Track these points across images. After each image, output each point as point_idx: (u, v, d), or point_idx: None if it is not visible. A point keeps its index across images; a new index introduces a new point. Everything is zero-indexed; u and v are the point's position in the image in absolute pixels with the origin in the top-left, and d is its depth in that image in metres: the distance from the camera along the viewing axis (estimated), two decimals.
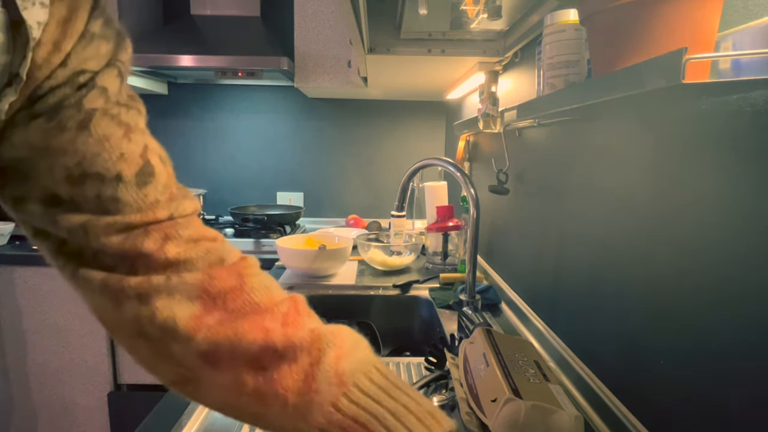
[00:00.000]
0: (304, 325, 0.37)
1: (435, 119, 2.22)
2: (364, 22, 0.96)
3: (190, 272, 0.36)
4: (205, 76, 2.03)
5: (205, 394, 0.36)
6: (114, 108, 0.35)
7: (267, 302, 0.37)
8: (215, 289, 0.36)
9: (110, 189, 0.34)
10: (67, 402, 1.72)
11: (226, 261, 0.38)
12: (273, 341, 0.35)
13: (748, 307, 0.41)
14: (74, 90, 0.33)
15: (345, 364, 0.35)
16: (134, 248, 0.35)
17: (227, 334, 0.34)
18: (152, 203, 0.36)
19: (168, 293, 0.35)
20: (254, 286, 0.37)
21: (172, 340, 0.35)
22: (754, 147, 0.40)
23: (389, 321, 1.24)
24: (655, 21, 0.43)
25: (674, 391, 0.50)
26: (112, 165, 0.34)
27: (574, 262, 0.77)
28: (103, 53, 0.34)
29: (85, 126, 0.33)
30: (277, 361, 0.35)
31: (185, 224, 0.38)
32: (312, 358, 0.35)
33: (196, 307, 0.35)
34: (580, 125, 0.75)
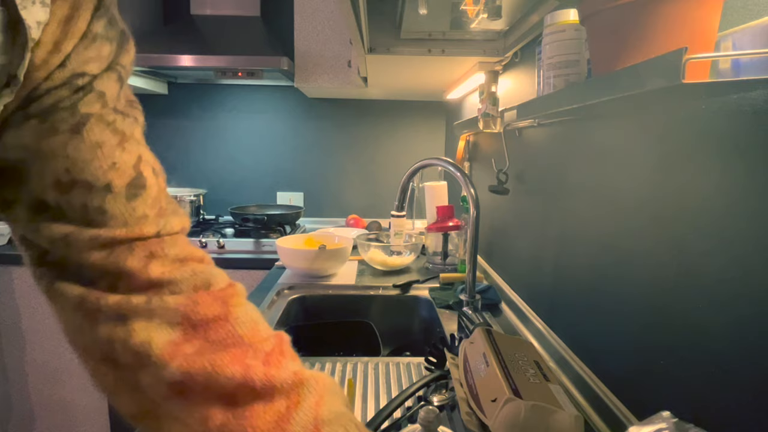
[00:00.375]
0: (287, 367, 0.35)
1: (435, 119, 2.22)
2: (364, 22, 0.96)
3: (174, 295, 0.34)
4: (205, 76, 2.03)
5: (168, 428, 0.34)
6: (110, 114, 0.34)
7: (251, 337, 0.35)
8: (198, 317, 0.34)
9: (98, 199, 0.33)
10: (66, 402, 1.72)
11: (213, 286, 0.36)
12: (252, 379, 0.33)
13: (748, 307, 0.41)
14: (71, 92, 0.32)
15: (324, 413, 0.34)
16: (116, 265, 0.33)
17: (204, 365, 0.33)
18: (140, 218, 0.35)
19: (147, 316, 0.33)
20: (239, 317, 0.36)
21: (143, 367, 0.33)
22: (754, 147, 0.40)
23: (389, 321, 1.24)
24: (655, 21, 0.43)
25: (674, 391, 0.50)
26: (103, 174, 0.33)
27: (574, 262, 0.77)
28: (105, 55, 0.33)
29: (78, 131, 0.32)
30: (252, 400, 0.33)
31: (172, 242, 0.36)
32: (290, 402, 0.34)
33: (176, 333, 0.33)
34: (580, 125, 0.75)
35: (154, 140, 1.68)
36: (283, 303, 1.17)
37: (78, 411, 1.72)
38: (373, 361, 0.85)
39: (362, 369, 0.83)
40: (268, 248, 1.75)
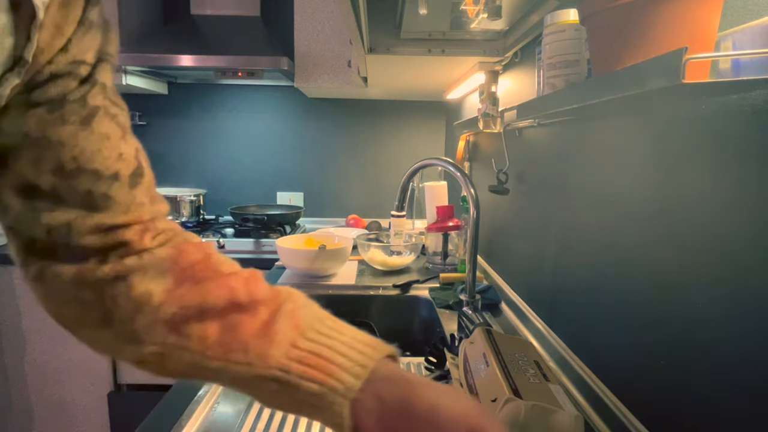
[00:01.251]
0: (264, 285, 0.40)
1: (435, 119, 2.22)
2: (364, 22, 0.96)
3: (161, 248, 0.38)
4: (205, 76, 2.03)
5: (173, 362, 0.37)
6: (112, 108, 0.36)
7: (230, 269, 0.40)
8: (185, 262, 0.38)
9: (104, 186, 0.35)
10: (66, 402, 1.72)
11: (191, 240, 0.41)
12: (237, 296, 0.37)
13: (748, 307, 0.41)
14: (78, 83, 0.34)
15: (301, 313, 0.39)
16: (115, 240, 0.36)
17: (194, 297, 0.37)
18: (138, 204, 0.38)
19: (142, 271, 0.36)
20: (219, 259, 0.41)
21: (140, 313, 0.36)
22: (754, 147, 0.40)
23: (389, 321, 1.24)
24: (655, 21, 0.43)
25: (674, 391, 0.50)
26: (112, 163, 0.35)
27: (574, 261, 0.77)
28: (98, 44, 0.35)
29: (88, 123, 0.34)
30: (239, 313, 0.37)
31: (159, 221, 0.40)
32: (271, 310, 0.38)
33: (169, 280, 0.37)
34: (580, 125, 0.75)
35: (154, 140, 1.72)
36: None
37: (78, 411, 1.72)
38: None
39: None
40: (268, 248, 1.75)
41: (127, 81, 1.82)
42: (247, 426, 0.65)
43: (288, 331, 0.37)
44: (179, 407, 0.67)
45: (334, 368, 0.36)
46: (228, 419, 0.66)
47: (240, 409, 0.68)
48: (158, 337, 0.36)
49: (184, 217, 1.94)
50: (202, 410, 0.67)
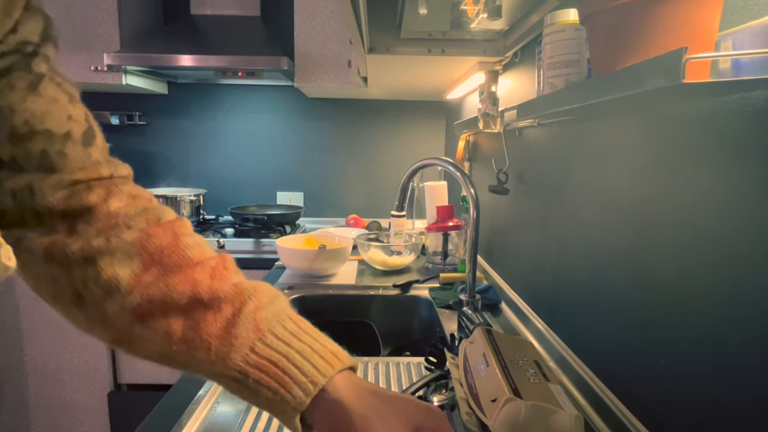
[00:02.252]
0: (229, 279, 0.40)
1: (435, 119, 2.22)
2: (364, 21, 0.96)
3: (129, 230, 0.38)
4: (205, 76, 2.03)
5: (140, 348, 0.39)
6: (57, 76, 0.39)
7: (199, 257, 0.40)
8: (153, 246, 0.38)
9: (58, 145, 0.37)
10: (66, 402, 1.72)
11: (162, 219, 0.41)
12: (200, 293, 0.38)
13: (748, 307, 0.41)
14: (23, 56, 0.36)
15: (262, 314, 0.39)
16: (79, 203, 0.38)
17: (160, 288, 0.37)
18: (95, 162, 0.39)
19: (110, 253, 0.37)
20: (188, 243, 0.40)
21: (109, 300, 0.37)
22: (755, 147, 0.40)
23: (389, 321, 1.24)
24: (655, 21, 0.43)
25: (674, 391, 0.50)
26: (63, 123, 0.37)
27: (574, 261, 0.77)
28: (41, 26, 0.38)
29: (35, 87, 0.36)
30: (203, 311, 0.37)
31: (123, 182, 0.41)
32: (234, 308, 0.38)
33: (136, 265, 0.38)
34: (580, 125, 0.75)
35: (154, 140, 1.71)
36: None
37: (78, 411, 1.72)
38: (373, 361, 0.85)
39: (362, 369, 0.83)
40: (268, 248, 1.75)
41: (127, 81, 1.83)
42: (247, 426, 0.65)
43: (249, 333, 0.37)
44: (179, 407, 0.67)
45: (287, 380, 0.37)
46: (228, 419, 0.66)
47: (240, 409, 0.68)
48: (126, 325, 0.37)
49: (184, 216, 1.94)
50: (202, 410, 0.67)
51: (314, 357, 0.38)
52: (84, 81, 1.81)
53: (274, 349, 0.37)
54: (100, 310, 0.37)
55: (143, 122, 2.16)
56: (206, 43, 1.83)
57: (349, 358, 0.41)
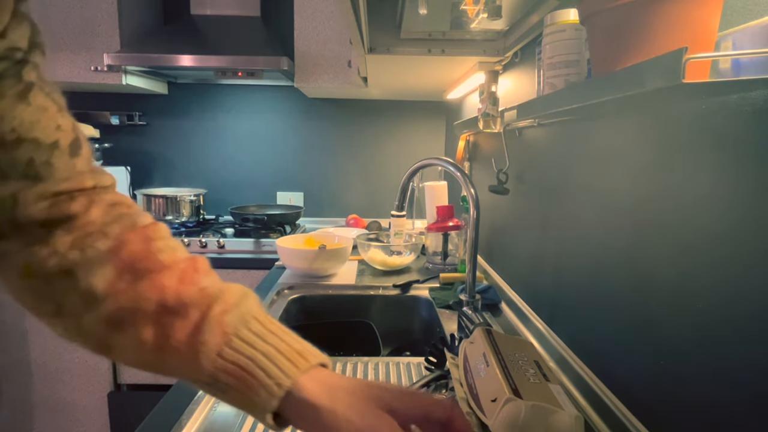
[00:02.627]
0: (198, 283, 0.40)
1: (435, 119, 2.22)
2: (364, 22, 0.96)
3: (104, 238, 0.39)
4: (205, 76, 2.03)
5: (120, 356, 0.39)
6: (46, 86, 0.39)
7: (170, 260, 0.40)
8: (125, 253, 0.39)
9: (45, 155, 0.37)
10: (66, 402, 1.72)
11: (137, 225, 0.41)
12: (166, 299, 0.38)
13: (748, 307, 0.41)
14: (12, 63, 0.36)
15: (228, 318, 0.39)
16: (61, 212, 0.38)
17: (129, 295, 0.38)
18: (79, 173, 0.39)
19: (86, 265, 0.38)
20: (160, 247, 0.41)
21: (87, 309, 0.37)
22: (754, 147, 0.40)
23: (389, 321, 1.24)
24: (655, 21, 0.43)
25: (674, 391, 0.50)
26: (52, 132, 0.38)
27: (575, 261, 0.77)
28: (29, 33, 0.37)
29: (24, 96, 0.36)
30: (170, 317, 0.38)
31: (106, 191, 0.42)
32: (201, 313, 0.38)
33: (110, 272, 0.38)
34: (580, 125, 0.75)
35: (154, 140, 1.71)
36: (283, 303, 1.17)
37: (78, 411, 1.72)
38: (373, 361, 0.85)
39: (362, 369, 0.83)
40: (268, 248, 1.75)
41: (127, 81, 1.83)
42: (247, 426, 0.65)
43: (215, 339, 0.38)
44: (179, 407, 0.67)
45: (253, 383, 0.37)
46: (228, 419, 0.66)
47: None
48: (102, 334, 0.38)
49: (184, 217, 1.94)
50: (202, 410, 0.67)
51: (279, 358, 0.39)
52: (84, 81, 1.81)
53: (240, 352, 0.38)
54: (78, 320, 0.38)
55: (143, 122, 2.16)
56: (206, 43, 1.83)
57: (317, 356, 0.42)
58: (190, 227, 1.93)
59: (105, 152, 2.04)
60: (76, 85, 1.88)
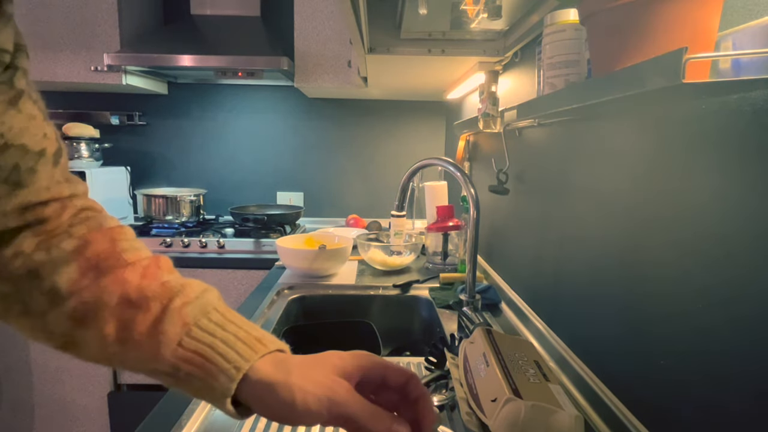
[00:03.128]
0: (159, 278, 0.41)
1: (435, 119, 2.22)
2: (364, 22, 0.96)
3: (69, 238, 0.39)
4: (205, 76, 2.03)
5: (84, 352, 0.40)
6: (33, 93, 0.39)
7: (133, 258, 0.41)
8: (90, 252, 0.40)
9: (31, 161, 0.38)
10: (66, 402, 1.72)
11: (103, 226, 0.42)
12: (128, 293, 0.39)
13: (748, 307, 0.41)
14: (2, 69, 0.36)
15: (188, 309, 0.40)
16: (34, 216, 0.39)
17: (93, 291, 0.38)
18: (58, 182, 0.40)
19: (51, 265, 0.38)
20: (125, 247, 0.42)
21: (52, 307, 0.38)
22: (755, 147, 0.40)
23: (389, 321, 1.24)
24: (655, 21, 0.43)
25: (674, 391, 0.50)
26: (39, 140, 0.38)
27: (575, 261, 0.77)
28: (13, 34, 0.37)
29: (15, 103, 0.37)
30: (132, 311, 0.38)
31: (78, 198, 0.43)
32: (162, 306, 0.39)
33: (74, 270, 0.39)
34: (580, 125, 0.75)
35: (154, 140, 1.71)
36: (283, 303, 1.17)
37: (78, 411, 1.72)
38: None
39: None
40: (268, 248, 1.75)
41: (127, 81, 1.83)
42: (246, 426, 0.65)
43: (176, 329, 0.38)
44: (179, 407, 0.67)
45: (212, 368, 0.38)
46: (228, 419, 0.66)
47: None
48: (66, 330, 0.39)
49: (184, 217, 1.94)
50: (202, 410, 0.67)
51: (238, 344, 0.39)
52: (84, 81, 1.81)
53: (200, 341, 0.39)
54: (44, 318, 0.39)
55: (143, 122, 2.16)
56: (206, 43, 1.83)
57: (276, 342, 0.42)
58: (190, 227, 1.93)
59: (105, 152, 2.04)
60: (76, 85, 1.88)
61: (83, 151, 1.92)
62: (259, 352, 0.40)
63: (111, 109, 2.12)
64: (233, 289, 1.67)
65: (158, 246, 1.74)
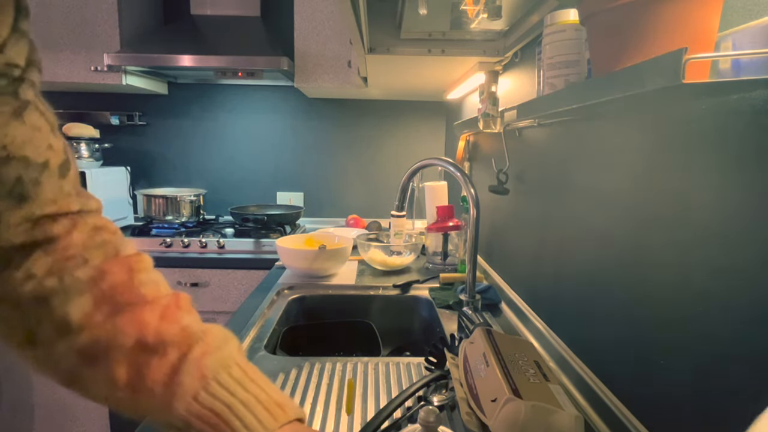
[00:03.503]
0: (179, 321, 0.39)
1: (435, 119, 2.22)
2: (364, 22, 0.96)
3: (84, 267, 0.37)
4: (205, 76, 2.03)
5: (91, 391, 0.38)
6: (41, 104, 0.38)
7: (153, 295, 0.39)
8: (106, 284, 0.37)
9: (35, 173, 0.36)
10: (66, 402, 1.72)
11: (121, 253, 0.40)
12: (145, 336, 0.36)
13: (748, 307, 0.41)
14: (10, 81, 0.36)
15: (208, 361, 0.37)
16: (43, 234, 0.37)
17: (107, 329, 0.36)
18: (66, 195, 0.39)
19: (63, 293, 0.36)
20: (143, 280, 0.39)
21: (60, 339, 0.36)
22: (754, 147, 0.40)
23: (389, 321, 1.24)
24: (655, 21, 0.43)
25: (674, 391, 0.50)
26: (43, 152, 0.37)
27: (574, 262, 0.77)
28: (27, 50, 0.37)
29: (19, 114, 0.36)
30: (148, 356, 0.36)
31: (90, 215, 0.41)
32: (180, 353, 0.37)
33: (87, 302, 0.36)
34: (580, 125, 0.75)
35: (154, 140, 1.72)
36: (283, 303, 1.17)
37: (78, 411, 1.72)
38: (373, 361, 0.86)
39: (362, 369, 0.83)
40: (268, 248, 1.75)
41: (127, 81, 1.83)
42: None
43: (193, 381, 0.36)
44: None
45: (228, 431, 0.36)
46: None
47: None
48: (73, 366, 0.36)
49: (184, 217, 1.94)
50: None
51: (258, 408, 0.37)
52: (84, 81, 1.81)
53: (218, 398, 0.37)
54: (51, 350, 0.37)
55: (143, 122, 2.16)
56: (206, 44, 1.83)
57: (296, 410, 0.40)
58: (190, 227, 1.93)
59: (105, 152, 2.04)
60: (76, 85, 1.88)
61: (83, 151, 1.92)
62: (280, 421, 0.38)
63: (111, 109, 2.12)
64: (233, 289, 1.67)
65: (158, 246, 1.74)
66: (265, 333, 0.97)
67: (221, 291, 1.68)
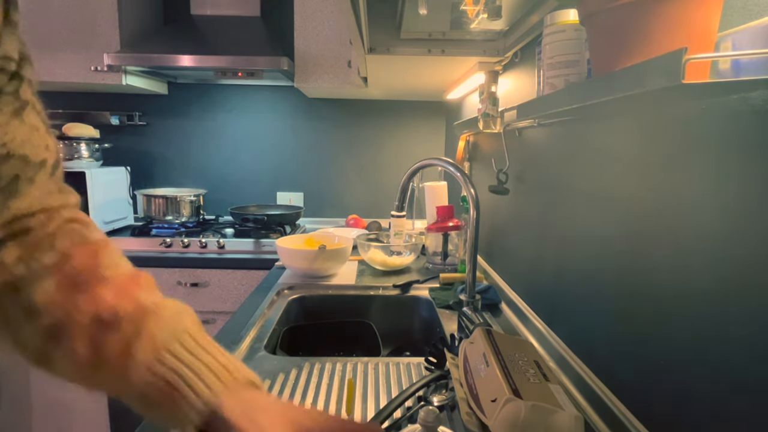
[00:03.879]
0: (136, 297, 0.40)
1: (435, 119, 2.22)
2: (364, 22, 0.96)
3: (51, 251, 0.39)
4: (205, 76, 2.03)
5: (58, 369, 0.39)
6: (37, 104, 0.40)
7: (111, 274, 0.40)
8: (69, 267, 0.39)
9: (31, 171, 0.38)
10: (66, 402, 1.72)
11: (88, 239, 0.42)
12: (101, 313, 0.38)
13: (748, 307, 0.41)
14: (8, 78, 0.36)
15: (160, 333, 0.39)
16: (20, 227, 0.39)
17: (67, 308, 0.38)
18: (50, 192, 0.41)
19: (30, 278, 0.38)
20: (106, 263, 0.41)
21: (27, 321, 0.38)
22: (754, 147, 0.40)
23: (389, 321, 1.24)
24: (654, 21, 0.43)
25: (674, 391, 0.50)
26: (41, 151, 0.39)
27: (574, 262, 0.77)
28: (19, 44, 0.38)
29: (19, 114, 0.37)
30: (105, 332, 0.38)
31: (66, 209, 0.42)
32: (134, 327, 0.38)
33: (51, 285, 0.38)
34: (580, 125, 0.75)
35: (154, 140, 1.72)
36: (283, 303, 1.17)
37: (78, 411, 1.72)
38: (373, 361, 0.86)
39: (362, 369, 0.83)
40: (268, 248, 1.75)
41: (127, 81, 1.83)
42: None
43: (146, 353, 0.37)
44: None
45: (180, 398, 0.37)
46: None
47: None
48: (40, 345, 0.38)
49: (184, 217, 1.94)
50: None
51: (206, 373, 0.38)
52: (84, 81, 1.81)
53: (170, 367, 0.38)
54: (19, 331, 0.38)
55: (143, 122, 2.16)
56: (206, 44, 1.83)
57: (245, 372, 0.41)
58: (190, 227, 1.93)
59: (105, 152, 2.04)
60: (76, 85, 1.88)
61: (83, 151, 1.91)
62: (229, 385, 0.39)
63: (111, 109, 2.12)
64: (233, 289, 1.67)
65: (158, 246, 1.74)
66: (265, 333, 0.97)
67: (221, 291, 1.68)
